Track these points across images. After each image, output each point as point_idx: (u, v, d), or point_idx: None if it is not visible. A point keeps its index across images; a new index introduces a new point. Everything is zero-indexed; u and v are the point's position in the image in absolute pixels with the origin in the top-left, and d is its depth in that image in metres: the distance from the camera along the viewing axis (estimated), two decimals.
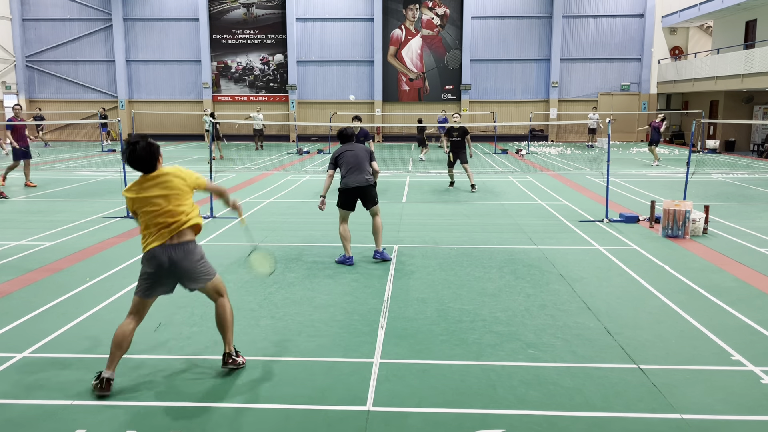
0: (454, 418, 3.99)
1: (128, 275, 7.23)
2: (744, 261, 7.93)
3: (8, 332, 5.47)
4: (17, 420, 3.99)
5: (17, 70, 33.45)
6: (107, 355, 4.99)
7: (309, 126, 32.03)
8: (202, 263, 4.52)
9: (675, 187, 14.74)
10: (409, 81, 33.34)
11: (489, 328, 5.57)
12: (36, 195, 13.64)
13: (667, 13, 31.17)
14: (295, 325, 5.63)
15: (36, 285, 6.88)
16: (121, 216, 10.85)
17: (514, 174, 17.89)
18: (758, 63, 23.03)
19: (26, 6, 33.61)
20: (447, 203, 12.64)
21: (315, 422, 3.96)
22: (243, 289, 6.72)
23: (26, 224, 10.32)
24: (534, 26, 32.61)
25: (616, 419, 4.00)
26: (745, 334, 5.43)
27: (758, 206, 12.27)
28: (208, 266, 4.59)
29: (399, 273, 7.37)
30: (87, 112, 33.74)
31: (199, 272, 4.51)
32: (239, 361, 4.69)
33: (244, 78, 34.00)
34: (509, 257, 8.12)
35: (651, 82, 32.31)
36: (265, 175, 17.46)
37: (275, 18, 33.29)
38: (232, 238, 9.30)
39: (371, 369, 4.71)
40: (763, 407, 4.15)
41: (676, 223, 9.23)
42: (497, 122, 28.88)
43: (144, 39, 33.71)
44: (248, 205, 12.17)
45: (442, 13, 32.75)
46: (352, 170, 7.72)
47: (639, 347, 5.11)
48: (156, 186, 4.38)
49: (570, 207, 12.03)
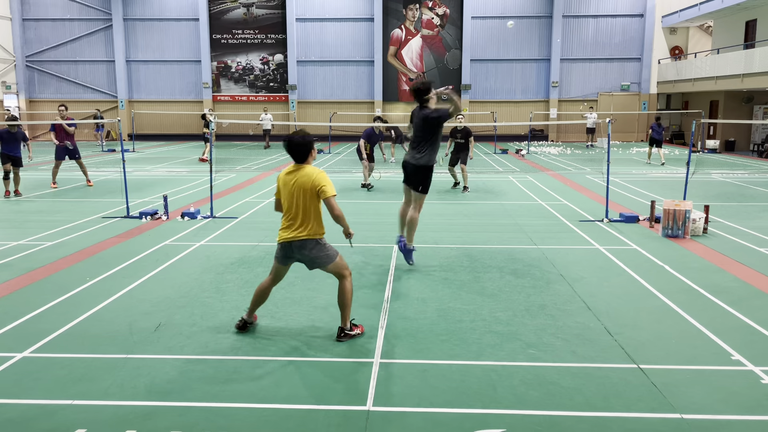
0: (454, 418, 3.99)
1: (128, 275, 7.23)
2: (744, 261, 7.93)
3: (8, 332, 5.46)
4: (17, 420, 3.99)
5: (17, 70, 33.46)
6: (107, 355, 5.02)
7: (309, 126, 31.99)
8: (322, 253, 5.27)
9: (675, 187, 14.74)
10: (409, 81, 33.34)
11: (489, 328, 5.57)
12: (36, 195, 13.64)
13: (667, 13, 31.17)
14: (295, 325, 5.63)
15: (36, 285, 6.88)
16: (121, 216, 10.86)
17: (514, 174, 17.90)
18: (758, 63, 23.03)
19: (26, 6, 33.62)
20: (447, 203, 12.64)
21: (315, 422, 3.96)
22: (243, 289, 6.72)
23: (26, 224, 10.32)
24: (534, 26, 32.61)
25: (616, 419, 4.00)
26: (745, 334, 5.43)
27: (758, 206, 12.27)
28: (328, 253, 5.30)
29: (399, 273, 7.37)
30: (87, 112, 33.70)
31: (320, 259, 5.30)
32: (353, 333, 5.34)
33: (244, 78, 34.00)
34: (509, 257, 8.12)
35: (651, 82, 32.31)
36: (265, 175, 17.46)
37: (275, 18, 33.30)
38: (232, 238, 9.30)
39: (371, 369, 4.71)
40: (763, 407, 4.15)
41: (676, 223, 9.23)
42: (497, 122, 28.87)
43: (144, 39, 33.72)
44: (248, 205, 12.17)
45: (442, 13, 32.76)
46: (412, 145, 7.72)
47: (639, 347, 5.11)
48: (296, 178, 5.19)
49: (570, 207, 12.03)
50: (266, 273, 7.25)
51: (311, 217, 5.20)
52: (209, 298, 6.42)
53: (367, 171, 14.61)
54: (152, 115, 33.81)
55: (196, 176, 17.11)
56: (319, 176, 5.14)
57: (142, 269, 7.49)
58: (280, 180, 5.32)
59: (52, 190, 14.37)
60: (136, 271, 7.43)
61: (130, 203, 11.30)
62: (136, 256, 8.15)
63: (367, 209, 10.86)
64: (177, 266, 7.65)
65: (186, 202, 12.33)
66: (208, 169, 11.44)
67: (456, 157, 14.27)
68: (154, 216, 10.71)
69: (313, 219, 5.21)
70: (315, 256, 5.23)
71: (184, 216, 10.71)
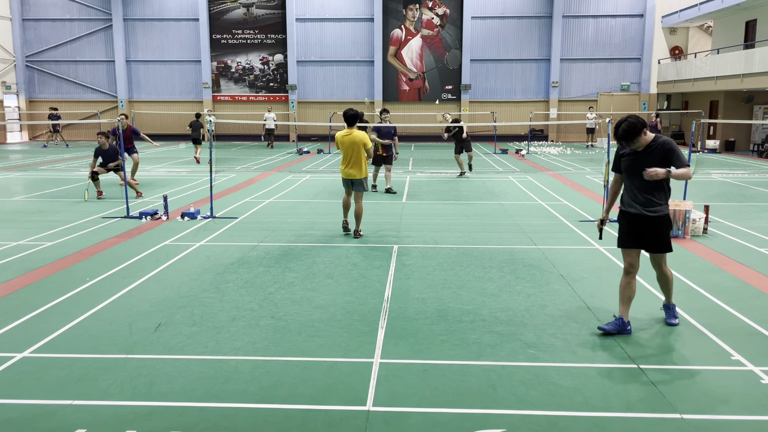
0: (454, 418, 3.99)
1: (128, 275, 7.23)
2: (744, 261, 7.93)
3: (8, 332, 5.47)
4: (17, 420, 3.99)
5: (17, 70, 33.45)
6: (107, 355, 5.02)
7: (309, 126, 32.02)
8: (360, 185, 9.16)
9: (675, 187, 14.70)
10: (409, 81, 33.35)
11: (489, 328, 5.57)
12: (36, 195, 13.65)
13: (667, 13, 31.16)
14: (295, 325, 5.63)
15: (36, 285, 6.88)
16: (121, 216, 10.86)
17: (514, 174, 17.89)
18: (758, 63, 23.03)
19: (26, 6, 33.61)
20: (447, 203, 12.64)
21: (315, 422, 3.96)
22: (243, 289, 6.72)
23: (26, 224, 10.32)
24: (534, 26, 32.61)
25: (616, 419, 4.00)
26: (745, 334, 5.43)
27: (758, 206, 12.27)
28: (363, 186, 9.15)
29: (399, 273, 7.37)
30: (87, 112, 33.74)
31: (357, 188, 9.19)
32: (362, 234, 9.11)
33: (244, 78, 34.00)
34: (509, 257, 8.12)
35: (651, 82, 32.31)
36: (265, 175, 17.46)
37: (275, 18, 33.30)
38: (232, 238, 9.31)
39: (371, 369, 4.71)
40: (763, 407, 4.15)
41: (676, 223, 9.23)
42: (497, 122, 28.87)
43: (144, 39, 33.72)
44: (248, 205, 12.17)
45: (442, 13, 32.75)
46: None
47: (639, 347, 5.12)
48: (351, 136, 8.95)
49: (570, 207, 12.04)
50: (266, 273, 7.37)
51: (360, 161, 8.99)
52: (209, 298, 6.42)
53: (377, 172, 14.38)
54: (152, 115, 33.80)
55: (196, 176, 17.11)
56: (363, 135, 8.96)
57: (142, 269, 7.49)
58: (339, 138, 9.00)
59: (51, 190, 14.37)
60: (136, 271, 7.43)
61: (130, 203, 11.30)
62: (136, 256, 8.15)
63: (367, 209, 10.86)
64: (177, 266, 7.65)
65: (186, 202, 12.33)
66: (208, 169, 11.43)
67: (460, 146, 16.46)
68: (154, 216, 10.71)
69: (360, 162, 9.01)
70: (357, 184, 9.08)
71: (184, 216, 10.71)
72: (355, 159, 8.97)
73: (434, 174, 17.70)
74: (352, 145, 8.91)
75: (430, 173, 17.95)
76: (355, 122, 8.98)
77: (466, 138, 16.36)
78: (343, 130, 9.01)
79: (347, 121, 8.99)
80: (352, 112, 8.93)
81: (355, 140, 8.89)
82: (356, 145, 8.90)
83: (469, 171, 17.32)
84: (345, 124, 9.10)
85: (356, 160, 8.97)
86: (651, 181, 5.16)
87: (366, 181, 9.13)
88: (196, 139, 21.60)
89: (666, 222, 5.34)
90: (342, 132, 9.00)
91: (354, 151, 8.95)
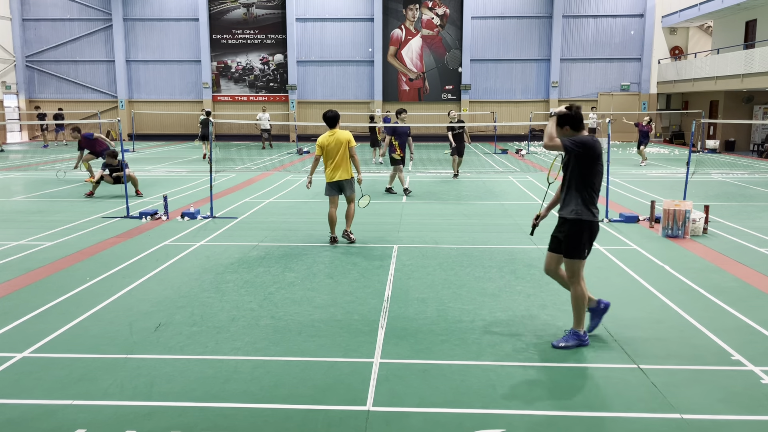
0: (454, 418, 3.99)
1: (128, 275, 7.23)
2: (744, 261, 7.93)
3: (8, 332, 5.47)
4: (17, 420, 3.99)
5: (17, 70, 33.44)
6: (107, 355, 5.02)
7: (309, 126, 31.99)
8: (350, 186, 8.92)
9: (675, 187, 14.74)
10: (409, 81, 33.34)
11: (489, 328, 5.57)
12: (36, 195, 13.65)
13: (667, 13, 31.16)
14: (295, 325, 5.63)
15: (36, 285, 6.88)
16: (121, 216, 10.86)
17: (514, 174, 17.89)
18: (758, 63, 23.02)
19: (26, 6, 33.60)
20: (447, 203, 12.64)
21: (315, 422, 3.96)
22: (243, 289, 6.72)
23: (26, 224, 10.32)
24: (534, 26, 32.61)
25: (616, 419, 4.00)
26: (745, 334, 5.43)
27: (758, 206, 12.27)
28: (353, 188, 8.94)
29: (399, 273, 7.37)
30: (87, 112, 33.74)
31: (347, 190, 8.86)
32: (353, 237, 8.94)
33: (244, 78, 33.99)
34: (509, 257, 8.11)
35: (651, 82, 32.30)
36: (265, 175, 17.46)
37: (275, 18, 33.29)
38: (232, 238, 9.31)
39: (371, 369, 4.71)
40: (763, 407, 4.15)
41: (676, 223, 9.23)
42: (497, 122, 28.87)
43: (144, 39, 33.70)
44: (248, 205, 12.17)
45: (442, 13, 32.75)
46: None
47: (639, 347, 5.11)
48: (335, 136, 8.68)
49: None
50: (266, 273, 7.35)
51: (347, 161, 8.74)
52: (209, 298, 6.42)
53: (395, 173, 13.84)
54: (152, 115, 33.79)
55: (196, 176, 17.11)
56: (347, 134, 8.71)
57: (142, 269, 7.49)
58: (323, 141, 8.67)
59: (51, 190, 14.37)
60: (136, 271, 7.43)
61: (130, 203, 11.30)
62: (136, 256, 8.15)
63: (367, 209, 10.86)
64: (177, 266, 7.65)
65: (186, 202, 12.33)
66: (208, 169, 11.42)
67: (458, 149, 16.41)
68: (154, 216, 10.71)
69: (348, 162, 8.76)
70: (347, 186, 8.80)
71: (184, 216, 10.71)
72: (342, 159, 8.70)
73: (434, 174, 17.70)
74: (338, 145, 8.64)
75: (430, 173, 17.94)
76: (336, 123, 8.74)
77: (466, 142, 16.39)
78: (326, 133, 8.70)
79: (329, 123, 8.71)
80: (332, 113, 8.73)
81: (340, 140, 8.64)
82: (342, 144, 8.65)
83: (454, 176, 16.77)
84: (327, 126, 8.77)
85: (344, 161, 8.72)
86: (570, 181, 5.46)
87: (354, 180, 8.87)
88: (205, 136, 21.81)
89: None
90: (325, 134, 8.69)
91: (341, 151, 8.68)
